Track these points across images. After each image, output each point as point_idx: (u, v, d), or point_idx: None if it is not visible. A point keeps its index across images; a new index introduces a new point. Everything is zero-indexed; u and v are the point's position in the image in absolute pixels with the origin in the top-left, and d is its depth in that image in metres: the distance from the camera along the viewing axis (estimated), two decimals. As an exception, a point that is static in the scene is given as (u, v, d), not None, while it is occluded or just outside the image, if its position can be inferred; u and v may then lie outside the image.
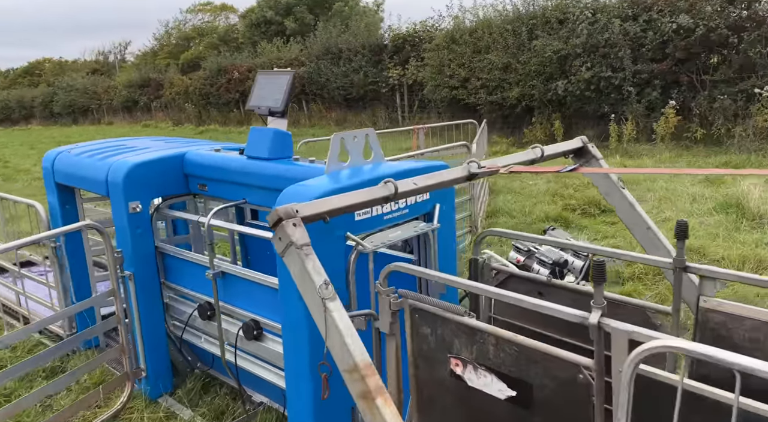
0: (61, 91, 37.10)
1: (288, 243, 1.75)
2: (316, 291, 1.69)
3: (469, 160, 2.34)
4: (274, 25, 37.62)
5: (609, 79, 11.24)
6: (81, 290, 3.88)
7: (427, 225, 2.73)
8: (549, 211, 6.67)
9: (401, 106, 17.97)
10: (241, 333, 2.97)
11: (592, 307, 1.71)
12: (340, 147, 2.66)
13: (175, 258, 3.38)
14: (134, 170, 3.21)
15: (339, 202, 1.92)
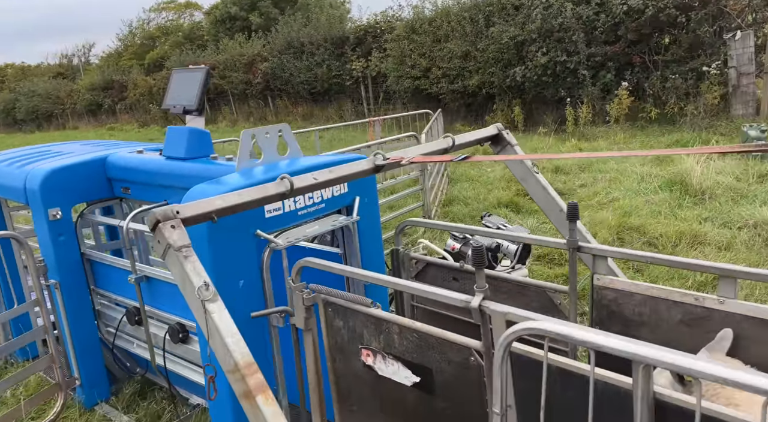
0: (23, 97, 36.14)
1: (167, 246, 1.72)
2: (195, 293, 1.67)
3: (375, 152, 2.33)
4: (240, 21, 37.09)
5: (564, 64, 11.36)
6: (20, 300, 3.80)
7: (346, 218, 2.73)
8: (502, 196, 6.73)
9: (366, 98, 17.92)
10: (168, 337, 2.94)
11: (475, 291, 1.73)
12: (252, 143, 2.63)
13: (102, 265, 3.32)
14: (51, 176, 3.14)
15: (226, 202, 1.90)
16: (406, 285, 2.02)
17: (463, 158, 1.98)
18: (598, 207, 6.06)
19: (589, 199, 6.41)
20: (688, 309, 1.81)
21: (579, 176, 7.46)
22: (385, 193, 6.30)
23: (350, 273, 2.29)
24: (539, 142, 10.22)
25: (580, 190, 6.84)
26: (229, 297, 2.39)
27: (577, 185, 7.08)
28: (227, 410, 2.44)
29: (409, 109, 16.73)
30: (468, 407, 1.88)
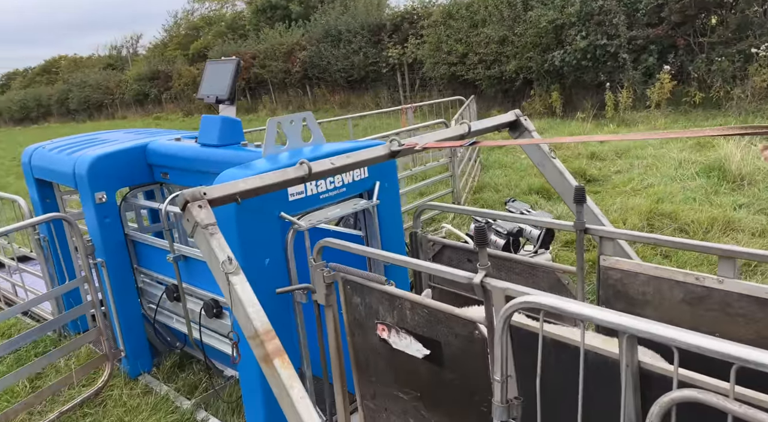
0: (76, 88, 37.73)
1: (194, 224, 1.89)
2: (220, 266, 1.84)
3: (391, 139, 2.44)
4: (280, 10, 37.49)
5: (605, 47, 11.08)
6: (71, 277, 4.11)
7: (366, 202, 2.85)
8: (533, 183, 6.72)
9: (402, 85, 17.94)
10: (203, 312, 3.15)
11: (478, 268, 1.82)
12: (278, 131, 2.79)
13: (144, 245, 3.56)
14: (97, 162, 3.38)
15: (248, 184, 2.06)
16: (416, 263, 2.13)
17: (472, 143, 2.07)
18: (631, 193, 5.99)
19: (624, 186, 6.33)
20: (689, 289, 1.86)
21: (615, 162, 7.35)
22: (415, 180, 6.40)
23: (366, 253, 2.41)
24: (577, 128, 10.06)
25: (615, 177, 6.76)
26: (256, 274, 2.58)
27: (612, 171, 6.98)
28: (254, 376, 2.62)
29: (445, 95, 16.66)
30: (474, 378, 1.98)
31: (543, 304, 1.49)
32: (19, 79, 62.38)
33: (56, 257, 4.08)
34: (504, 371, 1.69)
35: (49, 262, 4.09)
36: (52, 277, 4.13)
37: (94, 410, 3.28)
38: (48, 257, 4.08)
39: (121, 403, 3.30)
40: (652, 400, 1.31)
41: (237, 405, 3.12)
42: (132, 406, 3.26)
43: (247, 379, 2.64)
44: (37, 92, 44.23)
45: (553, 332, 1.65)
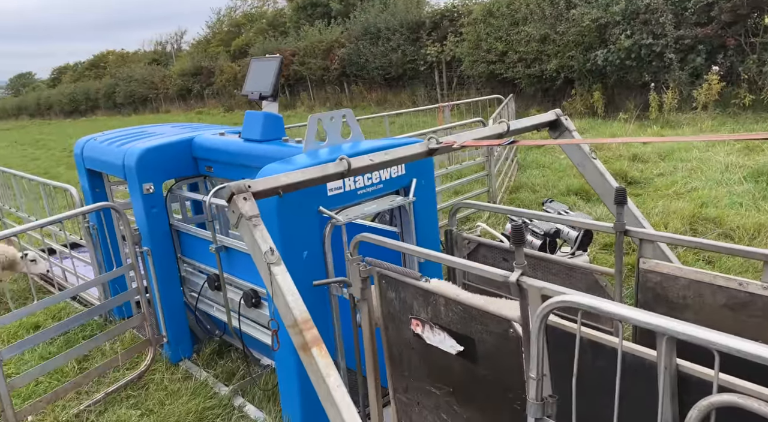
0: (122, 82, 38.94)
1: (239, 216, 1.96)
2: (263, 257, 1.90)
3: (428, 137, 2.47)
4: (320, 7, 37.83)
5: (650, 47, 10.79)
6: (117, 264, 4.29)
7: (402, 199, 2.89)
8: (572, 184, 6.62)
9: (440, 83, 17.88)
10: (242, 302, 3.25)
11: (514, 267, 1.84)
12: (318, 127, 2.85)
13: (187, 235, 3.69)
14: (145, 155, 3.52)
15: (290, 179, 2.12)
16: (453, 260, 2.15)
17: (510, 142, 2.08)
18: (674, 196, 5.84)
19: (666, 189, 6.17)
20: (732, 294, 1.82)
21: (658, 165, 7.17)
22: (450, 178, 6.40)
23: (402, 248, 2.45)
24: (619, 129, 9.84)
25: (658, 179, 6.59)
26: (294, 266, 2.64)
27: (654, 174, 6.82)
28: (291, 365, 2.69)
29: (483, 94, 16.53)
30: (507, 375, 2.00)
31: (581, 304, 1.49)
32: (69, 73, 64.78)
33: (104, 245, 4.26)
34: (540, 369, 1.70)
35: (97, 249, 4.28)
36: (100, 264, 4.32)
37: (137, 392, 3.42)
38: (96, 244, 4.26)
39: (163, 387, 3.44)
40: (689, 405, 1.30)
41: (273, 393, 3.21)
42: (173, 390, 3.38)
43: (284, 367, 2.71)
44: (85, 86, 45.84)
45: (591, 332, 1.65)
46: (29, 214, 5.41)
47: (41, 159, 15.99)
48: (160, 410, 3.19)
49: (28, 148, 20.32)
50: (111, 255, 4.23)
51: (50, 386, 3.50)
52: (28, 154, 17.80)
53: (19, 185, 5.46)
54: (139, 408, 3.21)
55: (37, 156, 16.96)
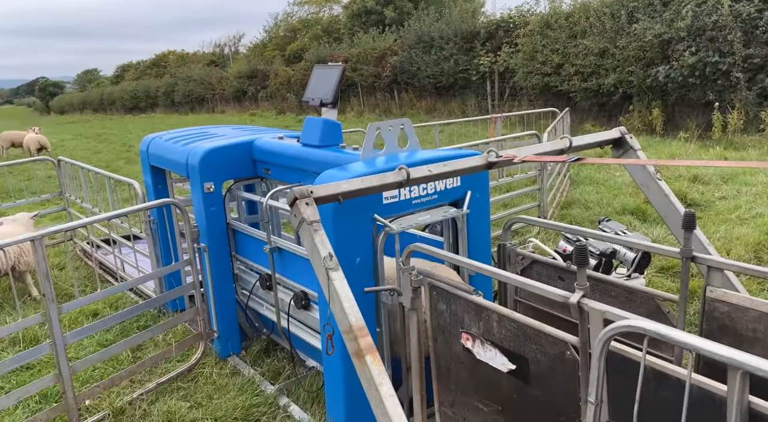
0: (181, 82, 40.41)
1: (301, 220, 2.01)
2: (321, 262, 1.94)
3: (488, 149, 2.46)
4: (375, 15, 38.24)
5: (716, 65, 10.37)
6: (171, 259, 4.45)
7: (456, 210, 2.88)
8: (628, 203, 6.43)
9: (491, 93, 17.72)
10: (292, 303, 3.31)
11: (575, 288, 1.80)
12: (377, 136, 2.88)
13: (242, 234, 3.79)
14: (208, 155, 3.65)
15: (350, 186, 2.15)
16: (508, 276, 2.13)
17: (576, 160, 2.04)
18: (737, 222, 5.58)
19: (729, 213, 5.91)
20: (808, 331, 1.73)
21: (720, 187, 6.88)
22: (500, 191, 6.33)
23: (457, 261, 2.44)
24: (678, 148, 9.49)
25: (719, 203, 6.32)
26: (347, 271, 2.66)
27: (716, 197, 6.54)
28: (339, 369, 2.71)
29: (536, 106, 16.28)
30: (560, 398, 1.96)
31: (648, 330, 1.45)
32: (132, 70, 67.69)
33: (163, 239, 4.43)
34: (599, 394, 1.66)
35: (156, 243, 4.45)
36: (158, 257, 4.48)
37: (186, 384, 3.53)
38: (156, 238, 4.43)
39: (211, 381, 3.53)
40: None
41: (317, 395, 3.24)
42: (221, 385, 3.47)
43: (332, 371, 2.74)
44: (146, 84, 47.78)
45: (655, 361, 1.60)
46: (93, 205, 5.68)
47: (103, 152, 16.75)
48: (208, 403, 3.28)
49: (92, 141, 21.34)
50: (170, 250, 4.40)
51: (105, 372, 3.66)
52: (91, 147, 18.69)
53: (85, 177, 5.74)
54: (188, 400, 3.31)
55: (99, 149, 17.78)
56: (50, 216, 6.73)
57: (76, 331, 3.18)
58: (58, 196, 6.26)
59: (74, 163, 5.84)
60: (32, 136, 15.07)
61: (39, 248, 2.88)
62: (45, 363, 3.75)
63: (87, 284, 5.27)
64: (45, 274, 2.89)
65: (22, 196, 6.72)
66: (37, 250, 2.87)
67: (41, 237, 2.89)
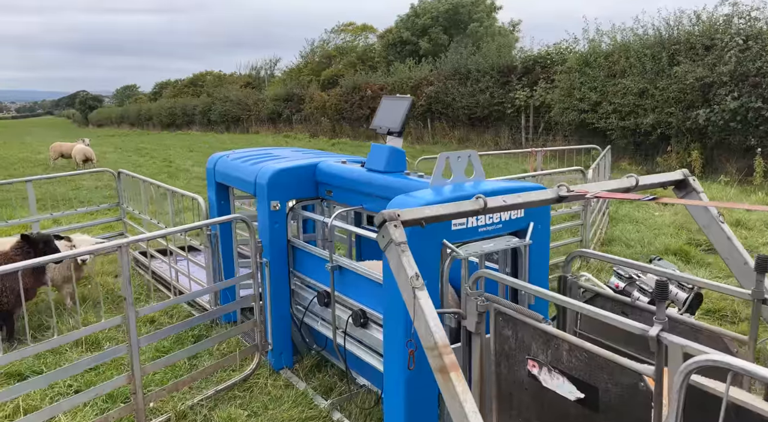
0: (218, 102, 41.60)
1: (389, 241, 2.15)
2: (408, 281, 2.07)
3: (559, 184, 2.59)
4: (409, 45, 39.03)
5: (759, 111, 10.36)
6: (227, 272, 4.64)
7: (519, 240, 3.00)
8: (670, 243, 6.44)
9: (525, 127, 17.87)
10: (350, 321, 3.43)
11: (654, 322, 1.90)
12: (445, 165, 3.03)
13: (302, 251, 3.96)
14: (276, 175, 3.85)
15: (433, 211, 2.30)
16: (582, 307, 2.23)
17: (652, 198, 2.15)
18: (783, 268, 5.54)
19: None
20: None
21: (764, 233, 6.84)
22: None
23: (526, 288, 2.55)
24: (719, 192, 9.46)
25: (763, 249, 6.29)
26: (415, 293, 2.79)
27: (760, 243, 6.51)
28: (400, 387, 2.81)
29: (571, 142, 16.35)
30: (630, 426, 2.03)
31: (733, 366, 1.52)
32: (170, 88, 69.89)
33: (223, 252, 4.63)
34: (676, 426, 1.73)
35: (215, 255, 4.64)
36: (215, 269, 4.67)
37: (242, 393, 3.66)
38: (215, 251, 4.63)
39: (266, 392, 3.66)
40: None
41: (370, 413, 3.34)
42: (275, 396, 3.60)
43: (393, 388, 2.84)
44: (184, 102, 49.30)
45: (737, 396, 1.68)
46: (151, 217, 5.94)
47: (144, 166, 17.31)
48: (264, 413, 3.41)
49: (132, 154, 22.06)
50: (229, 263, 4.59)
51: (165, 377, 3.81)
52: (132, 161, 19.32)
53: (145, 190, 6.02)
54: (245, 409, 3.44)
55: (140, 163, 18.38)
56: (102, 226, 7.01)
57: (149, 335, 3.36)
58: (115, 206, 6.55)
59: (135, 176, 6.13)
60: (80, 147, 15.70)
61: (124, 255, 3.08)
62: (108, 365, 3.93)
63: (141, 292, 5.48)
64: (127, 279, 3.09)
65: (71, 205, 7.05)
66: (123, 257, 3.08)
67: (126, 245, 3.09)
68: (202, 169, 16.00)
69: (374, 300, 3.31)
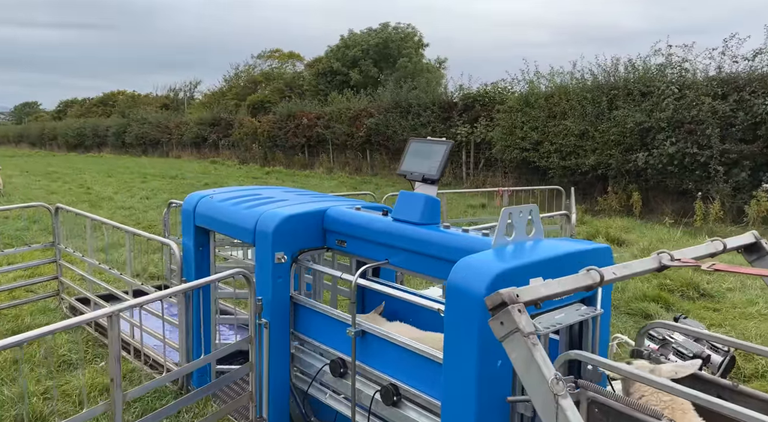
0: (135, 123, 39.30)
1: (513, 330, 1.73)
2: (547, 385, 1.66)
3: (659, 251, 2.30)
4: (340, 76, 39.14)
5: (694, 156, 11.02)
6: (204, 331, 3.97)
7: (589, 309, 2.67)
8: (645, 290, 6.44)
9: (466, 163, 18.11)
10: (378, 397, 2.93)
11: None
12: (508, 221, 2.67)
13: (308, 310, 3.41)
14: (284, 222, 3.32)
15: (550, 289, 1.91)
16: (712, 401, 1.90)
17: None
18: (759, 317, 5.66)
19: (744, 307, 6.01)
20: None
21: (724, 278, 7.04)
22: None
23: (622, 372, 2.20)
24: (664, 233, 9.83)
25: (730, 295, 6.45)
26: (488, 375, 2.38)
27: (724, 288, 6.68)
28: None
29: (510, 178, 16.70)
30: None
31: None
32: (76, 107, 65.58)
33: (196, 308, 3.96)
34: None
35: (189, 311, 3.96)
36: (188, 327, 3.98)
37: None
38: (189, 306, 3.95)
39: (271, 485, 3.04)
40: None
41: None
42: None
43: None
44: (95, 122, 46.26)
45: None
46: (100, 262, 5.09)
47: (59, 193, 15.65)
48: None
49: (42, 179, 20.01)
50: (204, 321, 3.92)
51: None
52: (44, 186, 17.47)
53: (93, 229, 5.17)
54: None
55: (54, 189, 16.63)
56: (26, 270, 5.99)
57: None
58: (50, 246, 5.59)
59: (80, 213, 5.26)
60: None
61: (115, 325, 2.42)
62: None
63: (86, 350, 4.61)
64: (116, 357, 2.42)
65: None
66: (113, 328, 2.41)
67: (118, 313, 2.43)
68: (126, 198, 14.67)
69: (410, 373, 2.84)
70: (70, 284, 5.51)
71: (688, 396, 1.91)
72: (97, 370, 4.21)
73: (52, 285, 5.68)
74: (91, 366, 4.29)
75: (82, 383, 3.83)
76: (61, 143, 48.21)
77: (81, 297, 5.49)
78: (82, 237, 5.76)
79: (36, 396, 3.75)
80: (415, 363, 2.80)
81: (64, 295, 5.56)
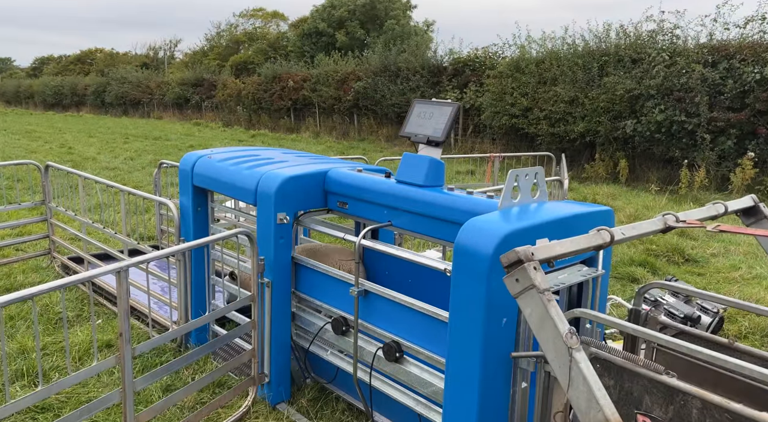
0: (115, 82, 38.16)
1: (529, 286, 1.77)
2: (561, 339, 1.70)
3: (664, 213, 2.34)
4: (325, 37, 38.30)
5: (682, 124, 11.11)
6: (199, 289, 3.98)
7: (590, 269, 2.73)
8: (632, 255, 6.58)
9: (455, 129, 18.02)
10: (380, 354, 3.00)
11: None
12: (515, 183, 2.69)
13: (309, 270, 3.44)
14: (286, 183, 3.31)
15: (564, 248, 1.94)
16: (717, 357, 1.98)
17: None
18: (742, 281, 5.84)
19: (728, 272, 6.18)
20: None
21: (709, 244, 7.23)
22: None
23: (620, 326, 2.27)
24: (650, 200, 9.99)
25: (714, 260, 6.62)
26: (494, 333, 2.44)
27: (708, 254, 6.85)
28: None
29: (499, 145, 16.71)
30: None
31: None
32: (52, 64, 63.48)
33: (196, 267, 3.96)
34: None
35: (187, 271, 3.96)
36: (186, 286, 3.99)
37: (243, 439, 3.09)
38: (188, 266, 3.95)
39: (272, 436, 3.12)
40: None
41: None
42: (286, 442, 3.07)
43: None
44: (73, 81, 44.82)
45: None
46: (93, 221, 5.03)
47: (39, 152, 15.29)
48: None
49: (21, 138, 19.48)
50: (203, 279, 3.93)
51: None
52: (23, 145, 17.04)
53: (86, 188, 5.09)
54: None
55: (34, 148, 16.23)
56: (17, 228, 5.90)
57: (144, 377, 2.69)
58: (40, 204, 5.50)
59: (72, 172, 5.16)
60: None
61: (124, 281, 2.41)
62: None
63: (81, 308, 4.60)
64: (126, 312, 2.42)
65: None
66: (122, 284, 2.41)
67: (127, 269, 2.43)
68: (110, 159, 14.41)
69: (413, 331, 2.90)
70: (61, 243, 5.45)
71: (692, 352, 1.98)
72: (96, 328, 4.22)
73: (43, 243, 5.62)
74: (87, 324, 4.29)
75: (88, 337, 3.85)
76: (38, 101, 46.81)
77: (73, 256, 5.45)
78: (69, 197, 5.68)
79: (34, 351, 3.76)
80: (417, 321, 2.85)
81: (56, 254, 5.50)
